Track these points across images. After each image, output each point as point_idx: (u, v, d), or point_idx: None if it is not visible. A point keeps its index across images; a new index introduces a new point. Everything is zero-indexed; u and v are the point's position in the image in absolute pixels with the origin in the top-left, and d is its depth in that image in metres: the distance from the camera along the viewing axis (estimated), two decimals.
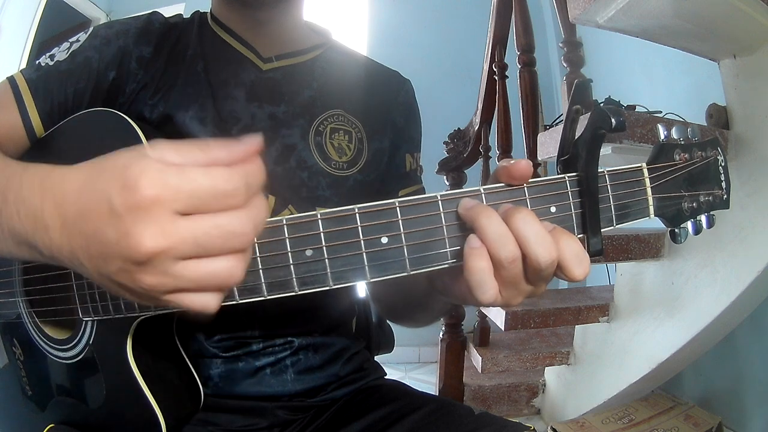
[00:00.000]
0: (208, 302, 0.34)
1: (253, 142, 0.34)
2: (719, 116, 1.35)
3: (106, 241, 0.32)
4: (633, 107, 1.52)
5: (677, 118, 1.47)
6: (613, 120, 0.40)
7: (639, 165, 0.45)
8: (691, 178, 0.46)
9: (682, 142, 0.46)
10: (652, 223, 0.48)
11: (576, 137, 0.43)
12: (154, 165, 0.31)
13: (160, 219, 0.31)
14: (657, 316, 1.49)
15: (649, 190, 0.45)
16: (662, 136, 0.46)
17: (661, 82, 2.13)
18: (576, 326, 1.75)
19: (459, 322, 1.88)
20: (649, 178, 0.45)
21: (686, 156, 0.46)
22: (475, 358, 1.85)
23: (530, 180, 0.42)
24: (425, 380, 2.73)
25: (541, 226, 0.39)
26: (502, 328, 1.58)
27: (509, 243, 0.39)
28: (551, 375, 1.97)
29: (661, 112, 1.50)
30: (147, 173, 0.31)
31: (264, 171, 0.34)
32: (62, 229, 0.35)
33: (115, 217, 0.31)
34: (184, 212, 0.32)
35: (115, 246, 0.32)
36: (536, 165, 1.59)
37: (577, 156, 0.42)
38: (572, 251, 0.39)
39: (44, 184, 0.37)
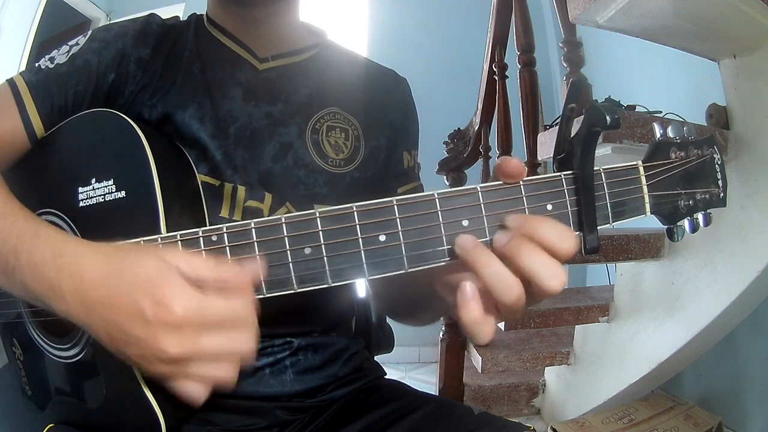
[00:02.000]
0: (198, 392, 0.41)
1: (254, 267, 0.41)
2: (719, 116, 1.35)
3: (132, 335, 0.39)
4: (633, 107, 1.52)
5: (677, 118, 1.47)
6: (607, 117, 0.40)
7: (635, 163, 0.45)
8: (688, 176, 0.46)
9: (678, 141, 0.46)
10: (652, 223, 0.48)
11: (572, 135, 0.43)
12: (182, 287, 0.38)
13: (186, 334, 0.38)
14: (657, 316, 1.49)
15: (645, 188, 0.45)
16: (658, 135, 0.46)
17: (661, 82, 2.13)
18: (576, 326, 1.75)
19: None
20: (645, 176, 0.45)
21: (682, 154, 0.46)
22: (475, 358, 1.85)
23: (526, 178, 0.42)
24: (425, 380, 2.73)
25: (547, 255, 0.40)
26: (502, 328, 1.58)
27: (513, 287, 0.40)
28: (551, 375, 1.97)
29: (661, 112, 1.50)
30: (179, 296, 0.38)
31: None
32: (81, 305, 0.40)
33: (146, 323, 0.38)
34: (204, 331, 0.39)
35: (142, 342, 0.38)
36: (536, 165, 1.60)
37: (573, 154, 0.43)
38: (543, 262, 0.40)
39: (59, 257, 0.42)
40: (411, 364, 3.03)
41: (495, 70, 1.84)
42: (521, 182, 0.42)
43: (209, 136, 0.64)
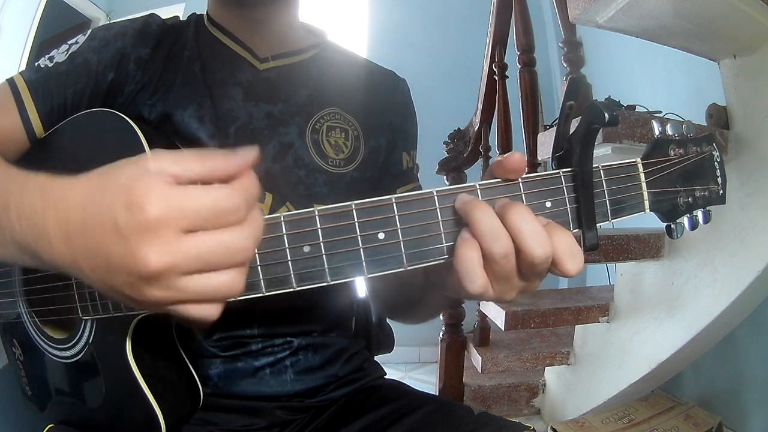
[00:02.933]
0: (209, 312, 0.36)
1: (249, 152, 0.36)
2: (719, 116, 1.35)
3: (112, 257, 0.34)
4: (633, 107, 1.52)
5: (677, 118, 1.47)
6: (606, 114, 0.40)
7: (633, 160, 0.45)
8: (687, 173, 0.46)
9: (677, 138, 0.46)
10: (652, 223, 0.48)
11: (570, 133, 0.43)
12: (157, 184, 0.33)
13: (165, 238, 0.32)
14: (657, 316, 1.49)
15: (643, 185, 0.45)
16: (657, 132, 0.46)
17: (661, 82, 2.13)
18: (576, 326, 1.75)
19: (459, 322, 1.88)
20: (644, 173, 0.45)
21: (681, 151, 0.46)
22: (475, 358, 1.85)
23: (525, 175, 0.42)
24: (425, 380, 2.73)
25: (537, 221, 0.39)
26: (502, 328, 1.58)
27: (502, 238, 0.39)
28: (551, 375, 1.97)
29: (661, 112, 1.50)
30: (151, 193, 0.32)
31: (258, 184, 0.36)
32: (65, 240, 0.36)
33: (121, 236, 0.33)
34: (188, 230, 0.33)
35: (121, 262, 0.33)
36: (536, 165, 1.60)
37: (572, 151, 0.43)
38: (566, 246, 0.39)
39: (45, 194, 0.38)
40: (411, 364, 3.03)
41: (495, 70, 1.84)
42: (520, 180, 0.42)
43: (209, 136, 0.64)
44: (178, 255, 0.33)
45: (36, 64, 0.64)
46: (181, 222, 0.33)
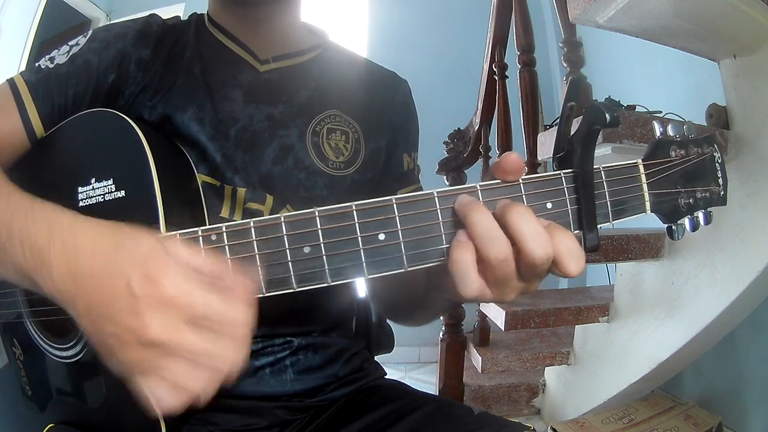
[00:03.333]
0: (166, 399, 0.37)
1: (251, 272, 0.40)
2: (719, 116, 1.35)
3: (115, 311, 0.36)
4: (633, 107, 1.52)
5: (677, 118, 1.47)
6: (607, 115, 0.40)
7: (634, 161, 0.45)
8: (687, 174, 0.46)
9: (678, 139, 0.46)
10: (652, 223, 0.48)
11: (571, 134, 0.43)
12: (177, 268, 0.36)
13: (170, 318, 0.35)
14: (657, 316, 1.49)
15: (644, 186, 0.45)
16: (658, 133, 0.46)
17: (661, 82, 2.13)
18: (576, 326, 1.75)
19: (459, 322, 1.88)
20: (645, 174, 0.45)
21: (682, 152, 0.46)
22: (475, 358, 1.85)
23: (526, 176, 0.42)
24: (425, 380, 2.73)
25: (538, 222, 0.39)
26: (502, 328, 1.58)
27: (498, 241, 0.39)
28: (551, 375, 1.97)
29: (661, 112, 1.50)
30: (171, 274, 0.36)
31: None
32: (68, 276, 0.38)
33: (133, 299, 0.35)
34: (190, 322, 0.36)
35: (123, 319, 0.36)
36: (536, 165, 1.60)
37: (573, 152, 0.43)
38: (568, 247, 0.39)
39: (52, 227, 0.40)
40: (411, 364, 3.03)
41: (495, 70, 1.84)
42: (521, 181, 0.42)
43: (209, 138, 0.64)
44: (175, 339, 0.35)
45: (36, 64, 0.64)
46: (188, 311, 0.36)
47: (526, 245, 0.38)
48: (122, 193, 0.53)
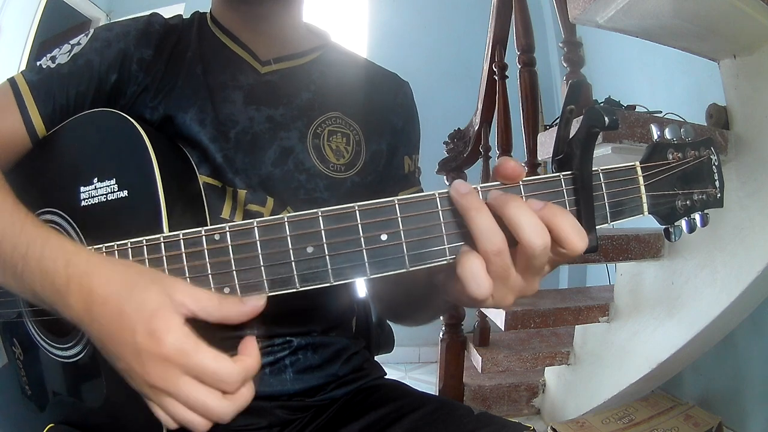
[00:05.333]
0: (167, 422, 0.43)
1: (258, 301, 0.43)
2: (719, 116, 1.35)
3: (123, 354, 0.42)
4: (633, 107, 1.52)
5: (677, 118, 1.47)
6: (606, 118, 0.40)
7: (632, 163, 0.45)
8: (685, 176, 0.47)
9: (675, 142, 0.47)
10: (651, 223, 0.48)
11: (570, 136, 0.44)
12: (178, 325, 0.41)
13: (169, 370, 0.40)
14: (657, 316, 1.49)
15: (642, 188, 0.45)
16: (656, 136, 0.46)
17: (661, 82, 2.14)
18: (576, 326, 1.75)
19: (459, 322, 1.88)
20: (643, 176, 0.45)
21: (679, 155, 0.46)
22: (475, 358, 1.85)
23: (526, 178, 0.43)
24: (425, 380, 2.73)
25: (533, 213, 0.40)
26: (502, 328, 1.58)
27: (494, 235, 0.40)
28: (551, 375, 1.97)
29: (661, 112, 1.50)
30: (172, 334, 0.40)
31: (259, 366, 0.44)
32: (86, 314, 0.43)
33: (137, 350, 0.41)
34: (187, 374, 0.41)
35: (129, 362, 0.41)
36: (536, 165, 1.60)
37: (572, 154, 0.43)
38: (569, 224, 0.40)
39: (69, 266, 0.43)
40: (411, 364, 3.03)
41: (495, 70, 1.84)
42: (521, 182, 0.43)
43: (210, 139, 0.64)
44: (173, 386, 0.40)
45: (38, 64, 0.64)
46: (184, 368, 0.40)
47: (525, 236, 0.39)
48: (125, 193, 0.53)
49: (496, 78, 1.83)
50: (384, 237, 0.41)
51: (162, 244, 0.44)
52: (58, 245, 0.45)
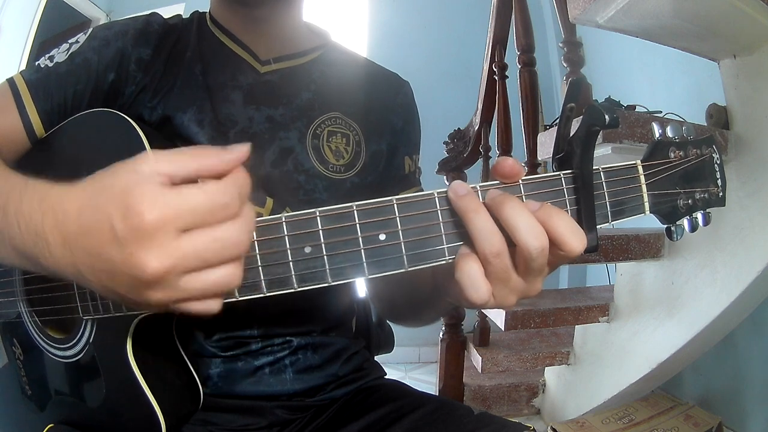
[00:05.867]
0: (211, 307, 0.37)
1: (241, 148, 0.37)
2: (719, 116, 1.35)
3: (112, 263, 0.34)
4: (633, 107, 1.52)
5: (677, 118, 1.47)
6: (606, 116, 0.40)
7: (634, 162, 0.45)
8: (687, 175, 0.46)
9: (677, 140, 0.46)
10: (651, 222, 0.48)
11: (571, 135, 0.44)
12: (152, 188, 0.33)
13: (163, 241, 0.33)
14: (657, 316, 1.49)
15: (644, 187, 0.45)
16: (657, 134, 0.46)
17: (661, 82, 2.14)
18: (576, 326, 1.75)
19: (459, 322, 1.88)
20: (644, 175, 0.45)
21: (681, 153, 0.46)
22: (475, 358, 1.85)
23: (526, 177, 0.43)
24: (425, 380, 2.73)
25: (530, 214, 0.40)
26: (502, 328, 1.58)
27: (493, 237, 0.40)
28: (551, 375, 1.97)
29: (661, 112, 1.50)
30: (147, 198, 0.33)
31: (249, 179, 0.37)
32: (64, 245, 0.36)
33: (120, 243, 0.33)
34: (185, 229, 0.34)
35: (122, 267, 0.34)
36: (536, 165, 1.60)
37: (572, 153, 0.43)
38: (566, 225, 0.40)
39: (44, 201, 0.38)
40: (411, 364, 3.03)
41: (495, 70, 1.84)
42: (520, 181, 0.43)
43: (208, 139, 0.64)
44: (177, 256, 0.34)
45: (36, 63, 0.63)
46: (178, 222, 0.34)
47: (521, 238, 0.39)
48: None
49: (496, 78, 1.83)
50: (382, 237, 0.41)
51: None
52: (34, 185, 0.41)
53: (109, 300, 0.45)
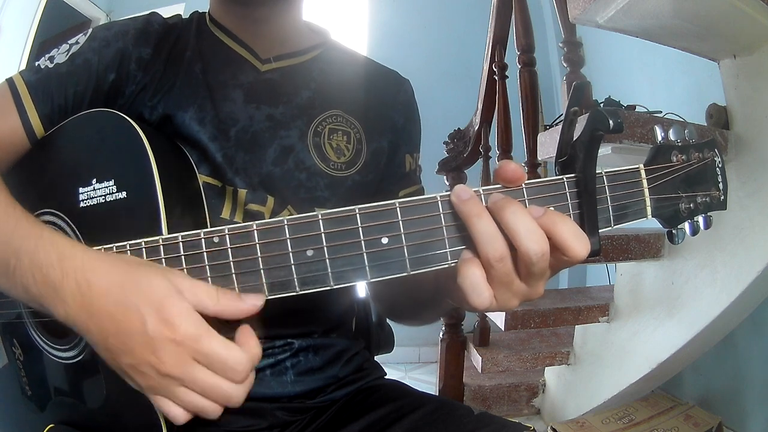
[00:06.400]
0: (178, 415, 0.42)
1: (256, 302, 0.42)
2: (719, 116, 1.35)
3: (131, 346, 0.41)
4: (633, 107, 1.52)
5: (677, 118, 1.47)
6: (610, 121, 0.40)
7: (636, 166, 0.45)
8: (689, 179, 0.46)
9: (679, 144, 0.46)
10: (652, 223, 0.48)
11: (574, 138, 0.43)
12: (190, 312, 0.40)
13: (183, 356, 0.40)
14: (657, 316, 1.49)
15: (646, 191, 0.45)
16: (659, 138, 0.46)
17: (661, 82, 2.13)
18: (576, 326, 1.75)
19: (459, 322, 1.88)
20: (647, 179, 0.45)
21: (683, 157, 0.46)
22: (475, 358, 1.85)
23: (528, 181, 0.43)
24: (425, 380, 2.73)
25: (531, 219, 0.40)
26: (502, 328, 1.58)
27: (496, 241, 0.40)
28: (551, 375, 1.97)
29: (661, 112, 1.50)
30: (185, 319, 0.40)
31: (261, 351, 0.43)
32: (82, 310, 0.41)
33: (149, 338, 0.40)
34: (197, 361, 0.41)
35: (140, 353, 0.40)
36: (536, 165, 1.60)
37: (575, 157, 0.43)
38: (569, 230, 0.40)
39: (64, 260, 0.43)
40: (411, 364, 3.03)
41: (495, 70, 1.84)
42: (523, 185, 0.42)
43: (209, 138, 0.64)
44: (186, 373, 0.40)
45: (36, 64, 0.63)
46: (194, 353, 0.40)
47: (522, 243, 0.39)
48: (123, 194, 0.53)
49: (496, 78, 1.83)
50: (385, 240, 0.41)
51: (161, 246, 0.44)
52: (51, 239, 0.44)
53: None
